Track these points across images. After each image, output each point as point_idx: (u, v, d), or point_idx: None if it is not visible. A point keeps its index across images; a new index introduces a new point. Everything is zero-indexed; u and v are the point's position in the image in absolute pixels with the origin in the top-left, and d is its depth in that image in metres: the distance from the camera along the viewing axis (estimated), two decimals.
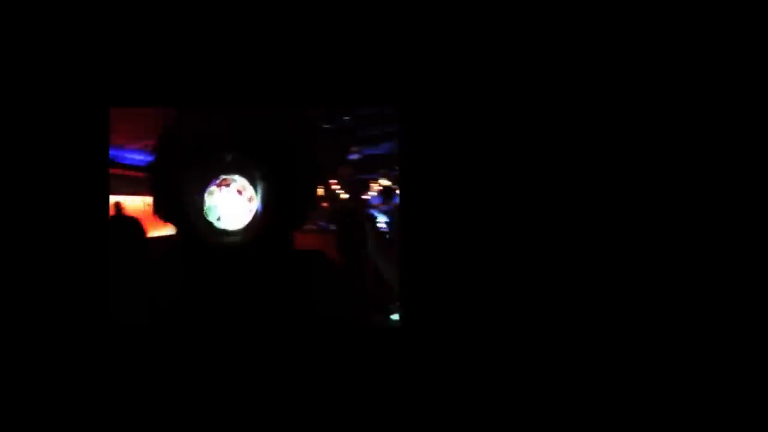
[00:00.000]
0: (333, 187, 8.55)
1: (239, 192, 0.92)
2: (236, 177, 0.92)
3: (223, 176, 0.92)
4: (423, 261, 1.12)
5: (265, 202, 0.92)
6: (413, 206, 1.13)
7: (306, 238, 1.13)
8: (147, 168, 0.98)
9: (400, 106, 1.14)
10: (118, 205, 5.41)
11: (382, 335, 1.13)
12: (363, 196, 8.07)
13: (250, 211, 0.92)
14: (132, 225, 2.33)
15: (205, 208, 0.91)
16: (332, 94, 1.15)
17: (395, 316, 1.80)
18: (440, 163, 1.12)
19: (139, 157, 6.05)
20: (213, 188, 0.92)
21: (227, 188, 0.92)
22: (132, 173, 5.99)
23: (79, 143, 1.07)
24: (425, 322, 1.10)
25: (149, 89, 1.10)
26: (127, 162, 6.18)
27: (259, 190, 0.92)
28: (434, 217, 1.12)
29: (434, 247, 1.12)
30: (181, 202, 0.92)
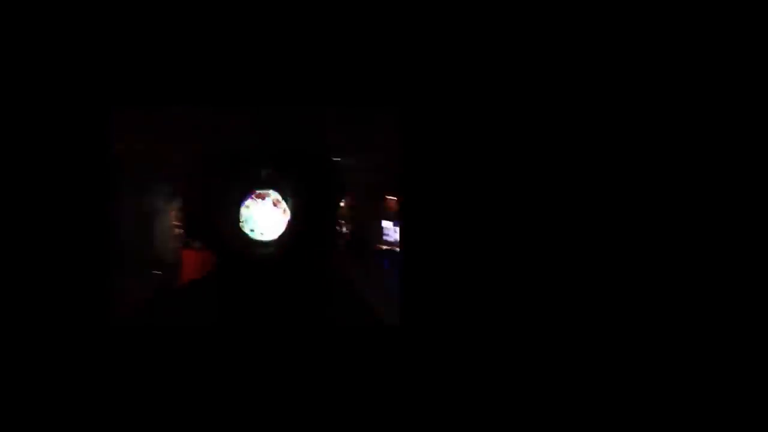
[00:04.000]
0: None
1: (275, 204, 0.97)
2: (270, 191, 0.97)
3: (259, 190, 0.96)
4: (423, 262, 1.12)
5: (296, 215, 0.97)
6: (414, 208, 1.14)
7: None
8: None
9: (402, 109, 1.14)
10: None
11: (382, 335, 1.14)
12: None
13: (283, 223, 0.97)
14: None
15: (241, 220, 0.96)
16: (333, 96, 1.16)
17: None
18: (441, 165, 1.13)
19: None
20: (249, 201, 0.96)
21: (263, 201, 0.97)
22: None
23: (82, 144, 1.06)
24: (425, 322, 1.11)
25: (152, 90, 1.10)
26: None
27: (291, 204, 0.97)
28: (435, 218, 1.12)
29: (434, 248, 1.12)
30: (214, 217, 0.96)
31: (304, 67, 1.12)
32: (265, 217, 0.97)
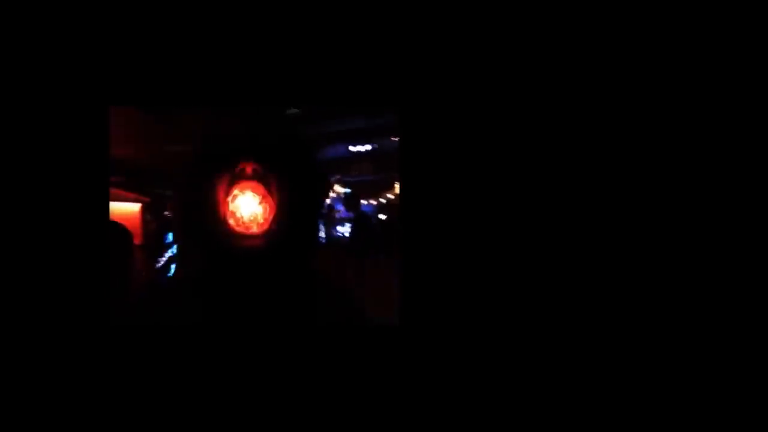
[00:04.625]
0: None
1: (259, 197, 0.98)
2: (255, 185, 0.98)
3: (243, 183, 0.98)
4: (423, 262, 1.12)
5: (281, 208, 0.98)
6: (413, 208, 1.14)
7: None
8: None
9: (401, 110, 1.13)
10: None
11: (382, 335, 1.13)
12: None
13: (268, 216, 0.98)
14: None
15: (226, 213, 0.97)
16: (333, 96, 1.15)
17: None
18: (440, 165, 1.12)
19: None
20: (234, 194, 0.98)
21: (247, 194, 0.98)
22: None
23: (79, 142, 1.07)
24: (425, 322, 1.11)
25: (149, 88, 1.11)
26: None
27: (275, 197, 0.98)
28: (434, 218, 1.12)
29: (434, 248, 1.12)
30: (200, 210, 0.97)
31: (304, 68, 1.12)
32: (249, 210, 0.98)
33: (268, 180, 0.97)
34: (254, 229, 0.97)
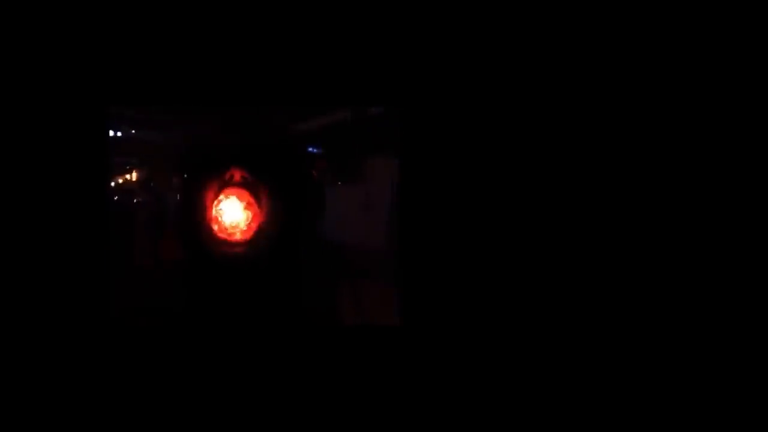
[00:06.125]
0: None
1: (244, 203, 0.98)
2: (241, 191, 0.98)
3: (230, 189, 0.98)
4: (423, 262, 1.12)
5: (270, 216, 0.97)
6: (413, 207, 1.14)
7: None
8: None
9: (402, 108, 1.13)
10: None
11: (382, 335, 1.14)
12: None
13: (255, 222, 0.98)
14: None
15: (212, 220, 0.98)
16: (334, 96, 1.15)
17: None
18: (440, 164, 1.12)
19: None
20: (219, 199, 0.98)
21: (235, 201, 0.98)
22: None
23: (79, 141, 1.06)
24: (425, 322, 1.11)
25: (148, 88, 1.08)
26: None
27: (264, 205, 0.98)
28: (434, 218, 1.12)
29: (434, 248, 1.12)
30: (187, 216, 0.98)
31: (303, 68, 1.11)
32: (232, 217, 0.98)
33: (257, 188, 0.97)
34: (237, 237, 0.98)
